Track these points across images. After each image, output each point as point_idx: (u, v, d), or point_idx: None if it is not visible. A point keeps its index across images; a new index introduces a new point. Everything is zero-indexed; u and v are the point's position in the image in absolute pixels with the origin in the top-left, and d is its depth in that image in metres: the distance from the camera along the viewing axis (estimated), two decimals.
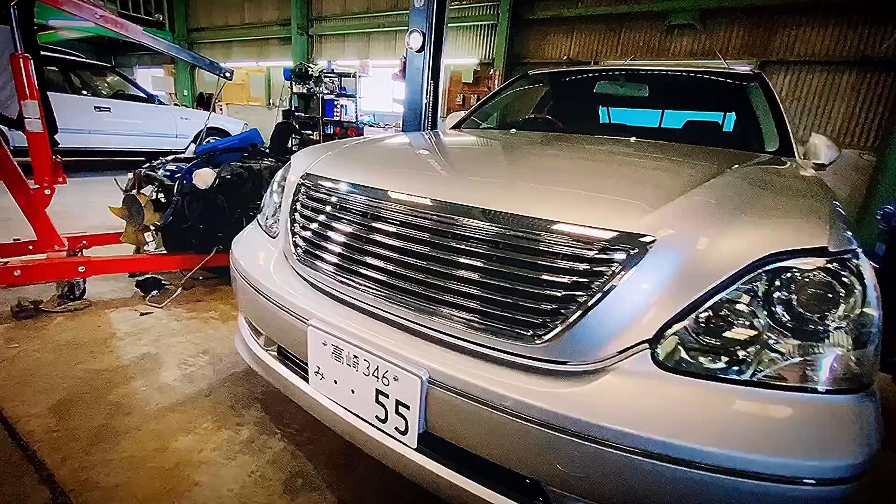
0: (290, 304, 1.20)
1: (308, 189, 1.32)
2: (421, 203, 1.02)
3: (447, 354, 0.94)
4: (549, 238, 0.88)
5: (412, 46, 3.56)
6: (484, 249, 0.92)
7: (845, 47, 5.17)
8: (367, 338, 1.01)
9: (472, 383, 0.88)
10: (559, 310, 0.85)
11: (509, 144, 1.76)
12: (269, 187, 1.73)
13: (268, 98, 11.30)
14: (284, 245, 1.36)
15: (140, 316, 2.14)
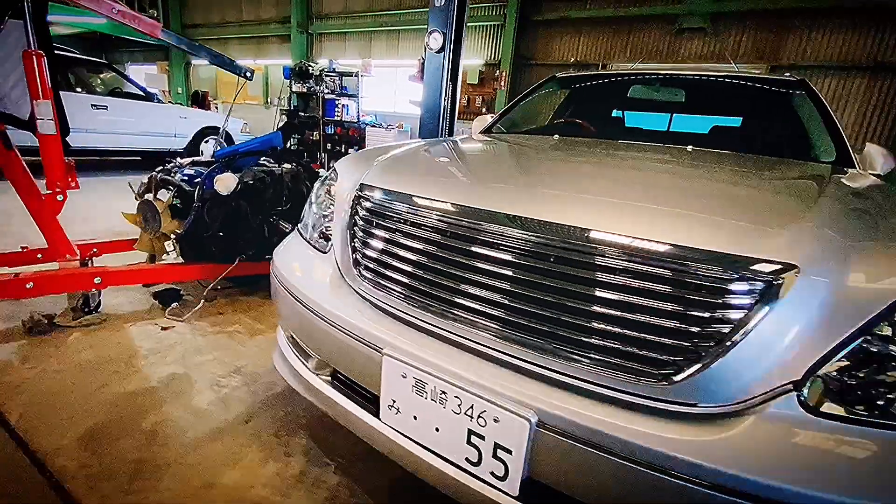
0: (356, 330, 1.10)
1: (370, 202, 1.22)
2: (533, 227, 0.91)
3: (559, 394, 0.85)
4: (682, 267, 0.79)
5: (432, 47, 3.46)
6: (607, 279, 0.82)
7: (858, 52, 5.17)
8: (460, 373, 0.92)
9: (593, 427, 0.78)
10: (695, 347, 0.77)
11: (575, 153, 1.67)
12: (309, 197, 1.63)
13: (265, 96, 11.11)
14: (342, 262, 1.26)
15: (161, 331, 2.01)
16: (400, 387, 1.01)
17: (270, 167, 2.62)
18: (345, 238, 1.27)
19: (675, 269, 0.79)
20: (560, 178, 1.29)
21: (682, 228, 0.85)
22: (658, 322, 0.78)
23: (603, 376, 0.81)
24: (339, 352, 1.17)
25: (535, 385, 0.87)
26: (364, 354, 1.08)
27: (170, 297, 2.24)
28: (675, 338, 0.78)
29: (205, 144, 7.33)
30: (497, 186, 1.14)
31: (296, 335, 1.39)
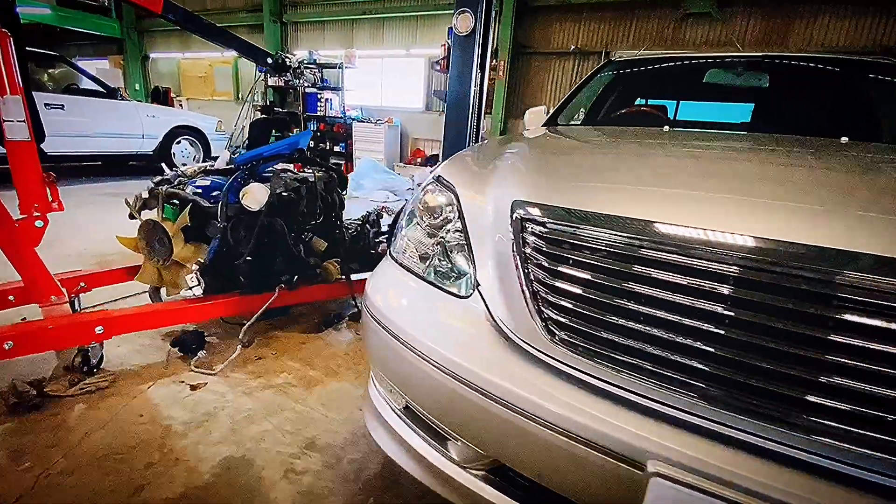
0: (573, 426, 0.73)
1: (550, 227, 0.84)
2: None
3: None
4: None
5: (460, 30, 3.06)
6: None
7: (863, 37, 5.13)
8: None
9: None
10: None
11: (717, 148, 1.35)
12: (404, 216, 1.25)
13: (236, 92, 10.31)
14: (506, 314, 0.89)
15: (191, 391, 1.56)
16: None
17: (298, 174, 2.17)
18: (509, 280, 0.90)
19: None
20: (764, 184, 0.94)
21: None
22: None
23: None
24: (525, 450, 0.80)
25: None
26: (593, 466, 0.72)
27: (192, 342, 1.78)
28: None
29: (176, 146, 6.65)
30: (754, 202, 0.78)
31: (423, 408, 1.01)
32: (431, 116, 8.08)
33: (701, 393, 0.66)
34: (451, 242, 1.09)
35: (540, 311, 0.84)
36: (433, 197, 1.17)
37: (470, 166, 1.24)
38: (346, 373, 1.76)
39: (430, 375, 0.91)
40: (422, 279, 1.09)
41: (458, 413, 0.90)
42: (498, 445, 0.86)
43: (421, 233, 1.17)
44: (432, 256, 1.11)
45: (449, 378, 0.88)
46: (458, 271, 1.04)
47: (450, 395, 0.89)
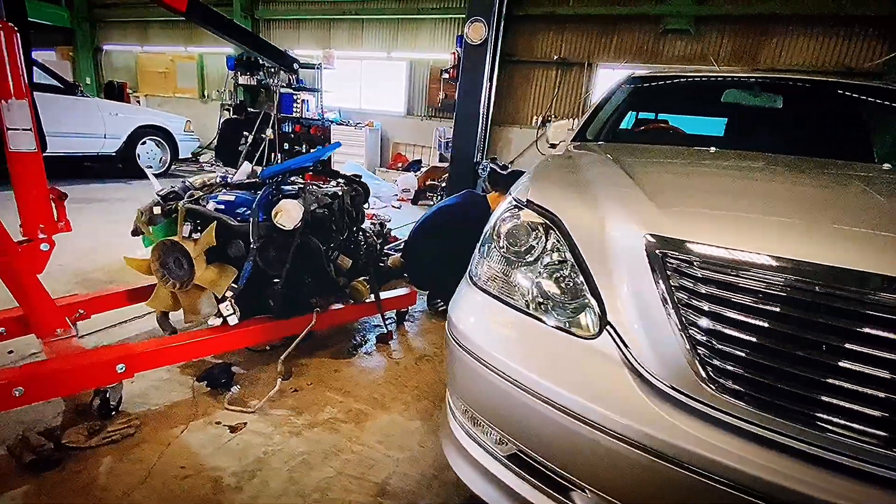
0: (739, 476, 0.71)
1: (717, 273, 0.80)
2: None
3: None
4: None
5: (472, 39, 3.01)
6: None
7: (829, 58, 5.52)
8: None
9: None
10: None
11: (779, 171, 1.36)
12: (489, 243, 1.18)
13: (201, 89, 9.76)
14: (656, 361, 0.83)
15: (231, 433, 1.40)
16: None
17: (326, 188, 2.03)
18: (655, 323, 0.84)
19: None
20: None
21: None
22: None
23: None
24: (677, 500, 0.75)
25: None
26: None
27: (221, 376, 1.61)
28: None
29: (141, 147, 6.18)
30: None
31: (539, 454, 0.94)
32: (413, 121, 7.97)
33: (885, 442, 0.64)
34: (557, 276, 1.02)
35: (701, 360, 0.78)
36: (524, 224, 1.10)
37: (565, 190, 1.17)
38: (393, 403, 1.64)
39: (554, 421, 0.85)
40: (528, 315, 1.01)
41: (593, 463, 0.84)
42: (640, 496, 0.80)
43: (511, 262, 1.09)
44: (534, 290, 1.03)
45: (582, 425, 0.83)
46: (573, 308, 0.97)
47: (581, 443, 0.83)
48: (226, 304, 1.56)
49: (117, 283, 2.47)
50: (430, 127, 7.68)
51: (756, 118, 2.50)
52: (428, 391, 1.74)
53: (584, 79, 6.69)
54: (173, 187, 1.99)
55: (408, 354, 2.01)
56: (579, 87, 6.76)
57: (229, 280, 1.67)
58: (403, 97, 7.94)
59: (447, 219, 2.48)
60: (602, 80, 6.67)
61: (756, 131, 2.48)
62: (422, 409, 1.62)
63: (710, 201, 1.06)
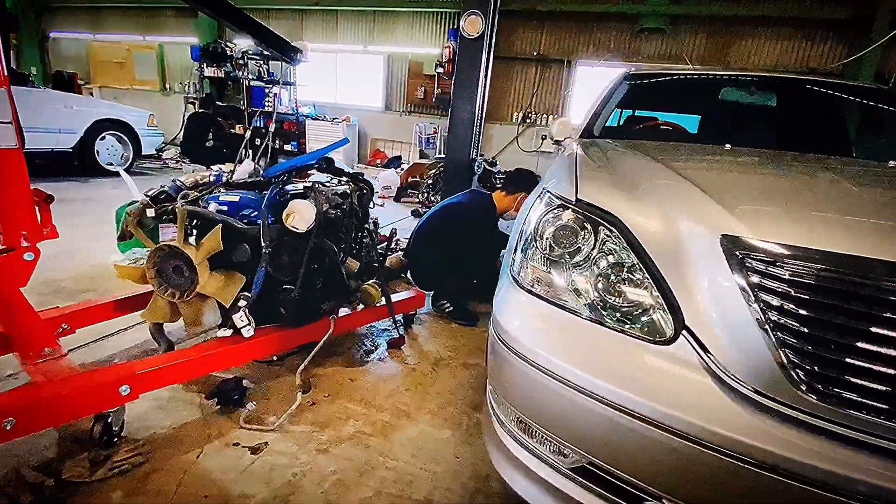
0: (833, 477, 0.70)
1: (797, 273, 0.77)
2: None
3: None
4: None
5: (469, 33, 2.93)
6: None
7: (793, 58, 5.79)
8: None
9: None
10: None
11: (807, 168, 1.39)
12: (533, 243, 1.13)
13: (162, 81, 9.21)
14: (742, 365, 0.80)
15: (253, 455, 1.29)
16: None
17: (334, 188, 1.92)
18: (740, 327, 0.81)
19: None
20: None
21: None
22: None
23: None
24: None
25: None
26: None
27: (233, 392, 1.48)
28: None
29: (100, 142, 5.76)
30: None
31: (613, 465, 0.90)
32: (391, 116, 7.83)
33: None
34: (620, 278, 0.98)
35: (792, 363, 0.76)
36: (574, 223, 1.06)
37: (617, 189, 1.13)
38: (418, 412, 1.57)
39: (630, 430, 0.81)
40: (591, 320, 0.97)
41: (673, 471, 0.82)
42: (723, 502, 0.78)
43: (563, 264, 1.05)
44: (594, 293, 0.99)
45: (662, 433, 0.80)
46: (641, 312, 0.94)
47: (661, 452, 0.79)
48: (240, 314, 1.43)
49: (93, 292, 2.27)
50: (409, 123, 7.56)
51: (750, 115, 2.56)
52: (451, 398, 1.67)
53: (563, 76, 6.75)
54: (163, 187, 1.83)
55: (423, 359, 1.94)
56: (559, 84, 6.82)
57: (237, 288, 1.55)
58: (381, 92, 7.78)
59: (453, 218, 2.41)
60: (581, 78, 6.75)
61: (751, 128, 2.54)
62: (449, 418, 1.56)
63: (773, 200, 1.05)
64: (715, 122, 2.57)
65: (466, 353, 2.04)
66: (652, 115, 2.92)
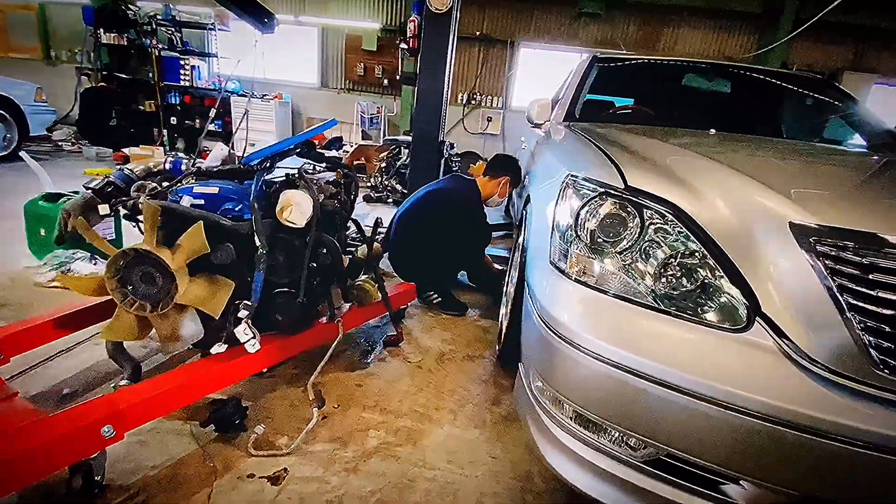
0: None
1: (870, 258, 0.81)
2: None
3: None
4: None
5: (437, 7, 2.77)
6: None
7: (710, 47, 6.30)
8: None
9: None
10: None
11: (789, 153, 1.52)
12: (587, 232, 1.10)
13: (45, 48, 7.79)
14: (821, 348, 0.82)
15: (274, 486, 1.13)
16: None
17: (324, 175, 1.73)
18: (818, 312, 0.83)
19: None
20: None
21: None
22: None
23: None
24: (846, 475, 0.77)
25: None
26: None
27: (234, 415, 1.28)
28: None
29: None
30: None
31: (698, 458, 0.90)
32: (328, 94, 7.36)
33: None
34: (687, 267, 0.97)
35: (870, 343, 0.79)
36: (624, 211, 1.03)
37: (664, 176, 1.11)
38: (438, 413, 1.49)
39: (710, 416, 0.81)
40: (658, 310, 0.95)
41: (755, 454, 0.83)
42: (819, 481, 0.82)
43: (619, 254, 1.02)
44: (659, 284, 0.98)
45: (746, 418, 0.79)
46: (711, 300, 0.94)
47: (744, 436, 0.80)
48: (243, 327, 1.23)
49: (9, 307, 1.86)
50: (348, 101, 7.16)
51: (709, 101, 2.73)
52: (466, 394, 1.61)
53: (506, 57, 6.76)
54: (108, 178, 1.53)
55: (425, 356, 1.84)
56: (502, 66, 6.83)
57: (227, 295, 1.33)
58: (316, 68, 7.25)
59: (438, 205, 2.30)
60: (524, 59, 6.80)
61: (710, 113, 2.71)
62: (471, 416, 1.50)
63: (815, 185, 1.10)
64: (679, 106, 2.69)
65: (465, 344, 1.98)
66: (608, 99, 3.01)
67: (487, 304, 2.39)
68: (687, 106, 2.76)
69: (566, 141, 1.82)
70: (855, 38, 5.90)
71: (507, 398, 1.61)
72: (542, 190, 1.54)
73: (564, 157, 1.54)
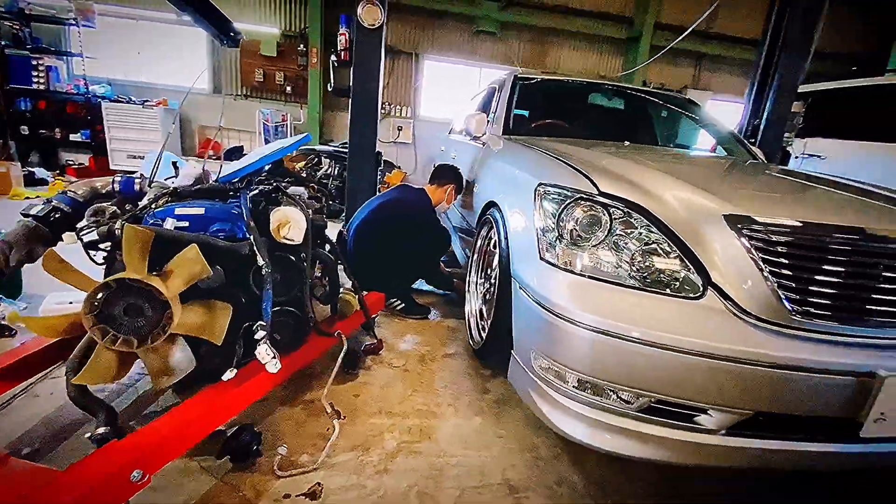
0: (824, 364, 1.05)
1: (776, 235, 1.15)
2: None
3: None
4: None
5: (368, 22, 2.84)
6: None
7: (588, 67, 7.26)
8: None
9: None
10: None
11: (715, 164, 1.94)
12: (570, 230, 1.32)
13: None
14: (756, 305, 1.13)
15: (314, 501, 1.14)
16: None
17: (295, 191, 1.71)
18: (751, 279, 1.14)
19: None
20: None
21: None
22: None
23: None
24: (783, 394, 1.07)
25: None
26: (837, 386, 1.05)
27: (251, 443, 1.24)
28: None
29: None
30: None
31: (680, 398, 1.15)
32: (223, 100, 6.80)
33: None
34: (655, 252, 1.23)
35: (787, 297, 1.12)
36: (600, 211, 1.27)
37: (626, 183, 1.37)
38: (441, 409, 1.60)
39: (686, 364, 1.06)
40: (638, 289, 1.19)
41: (719, 388, 1.08)
42: (760, 400, 1.09)
43: (598, 247, 1.25)
44: (633, 268, 1.22)
45: (712, 361, 1.05)
46: (676, 276, 1.20)
47: (711, 375, 1.06)
48: (264, 348, 1.20)
49: None
50: (247, 108, 6.72)
51: (607, 116, 3.22)
52: (457, 388, 1.74)
53: (413, 68, 6.97)
54: (52, 201, 1.36)
55: (407, 359, 1.92)
56: (409, 77, 7.02)
57: (226, 320, 1.28)
58: (208, 72, 6.65)
59: (391, 215, 2.38)
60: (430, 71, 7.08)
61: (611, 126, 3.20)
62: (468, 406, 1.63)
63: (734, 185, 1.46)
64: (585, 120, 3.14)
65: (439, 344, 2.10)
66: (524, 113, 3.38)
67: (445, 306, 2.53)
68: (592, 120, 3.23)
69: (519, 153, 2.05)
70: (694, 62, 7.33)
71: (493, 386, 1.77)
72: (511, 197, 1.73)
73: (528, 167, 1.75)
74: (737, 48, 7.01)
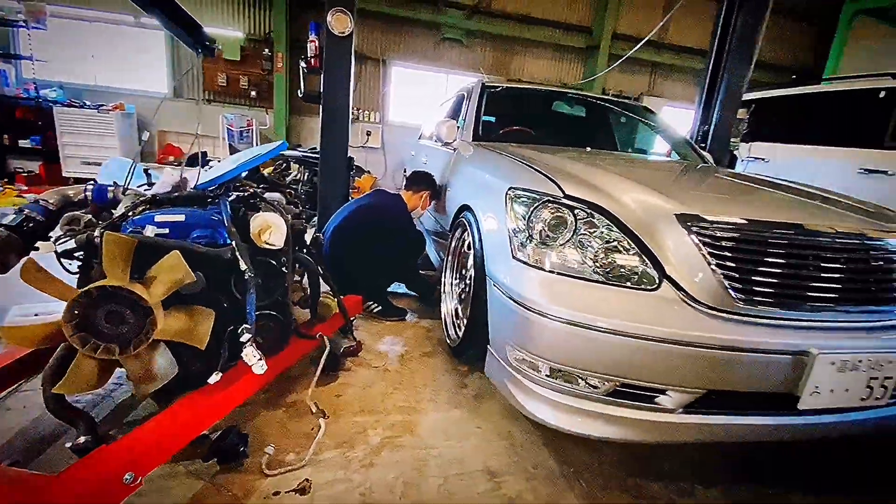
0: (765, 345, 1.20)
1: (721, 232, 1.28)
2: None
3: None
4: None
5: (337, 30, 2.88)
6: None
7: (551, 75, 7.52)
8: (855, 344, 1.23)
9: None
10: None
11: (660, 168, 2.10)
12: (540, 231, 1.42)
13: None
14: (706, 294, 1.25)
15: (303, 496, 1.18)
16: (826, 373, 1.21)
17: (272, 196, 1.74)
18: (702, 271, 1.27)
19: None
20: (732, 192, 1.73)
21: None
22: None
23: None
24: (731, 373, 1.20)
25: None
26: (778, 363, 1.19)
27: (238, 444, 1.26)
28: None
29: None
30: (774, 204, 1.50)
31: (642, 381, 1.26)
32: (185, 104, 6.63)
33: (833, 304, 1.26)
34: (615, 249, 1.35)
35: (731, 287, 1.26)
36: (565, 213, 1.38)
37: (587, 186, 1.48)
38: (421, 405, 1.66)
39: (647, 350, 1.17)
40: (598, 282, 1.30)
41: (676, 369, 1.20)
42: (712, 379, 1.22)
43: (565, 245, 1.35)
44: (597, 263, 1.33)
45: (668, 345, 1.17)
46: (635, 271, 1.32)
47: (668, 359, 1.18)
48: (251, 350, 1.22)
49: None
50: (210, 113, 6.56)
51: (570, 123, 3.39)
52: (436, 385, 1.81)
53: (380, 74, 7.01)
54: (24, 210, 1.35)
55: (386, 360, 1.97)
56: (377, 82, 7.06)
57: (209, 325, 1.30)
58: (166, 75, 6.46)
59: (368, 220, 2.43)
60: (397, 77, 7.14)
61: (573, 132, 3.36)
62: (447, 401, 1.70)
63: (681, 188, 1.60)
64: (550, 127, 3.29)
65: (416, 344, 2.16)
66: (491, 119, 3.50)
67: (421, 307, 2.59)
68: (556, 126, 3.39)
69: (489, 158, 2.15)
70: (649, 70, 7.73)
71: (470, 381, 1.85)
72: (484, 200, 1.82)
73: (499, 172, 1.85)
74: (688, 58, 7.46)
